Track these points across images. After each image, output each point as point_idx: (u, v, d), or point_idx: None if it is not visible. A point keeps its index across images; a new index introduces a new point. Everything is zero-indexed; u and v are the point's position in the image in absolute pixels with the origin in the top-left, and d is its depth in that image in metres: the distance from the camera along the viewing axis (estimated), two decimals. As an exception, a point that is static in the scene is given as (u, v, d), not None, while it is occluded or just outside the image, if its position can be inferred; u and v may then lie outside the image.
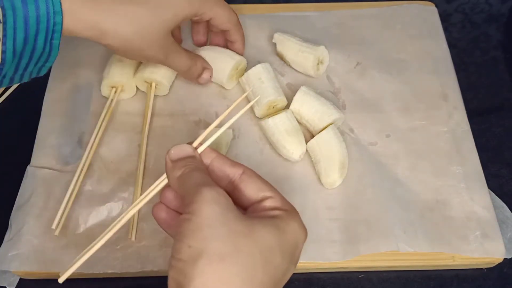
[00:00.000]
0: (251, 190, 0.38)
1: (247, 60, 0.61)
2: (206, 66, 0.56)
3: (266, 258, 0.33)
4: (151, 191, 0.40)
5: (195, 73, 0.55)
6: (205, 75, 0.56)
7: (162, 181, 0.40)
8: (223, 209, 0.34)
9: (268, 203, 0.37)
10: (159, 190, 0.40)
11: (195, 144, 0.40)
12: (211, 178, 0.38)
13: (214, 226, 0.33)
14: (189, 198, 0.35)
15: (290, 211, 0.37)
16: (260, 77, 0.55)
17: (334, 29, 0.64)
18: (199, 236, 0.33)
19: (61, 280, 0.37)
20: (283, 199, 0.38)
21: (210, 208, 0.33)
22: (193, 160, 0.39)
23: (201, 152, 0.40)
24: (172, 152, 0.39)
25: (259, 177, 0.39)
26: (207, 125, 0.56)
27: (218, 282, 0.31)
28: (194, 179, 0.36)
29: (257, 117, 0.57)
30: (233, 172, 0.39)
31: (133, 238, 0.49)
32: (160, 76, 0.56)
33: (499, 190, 0.54)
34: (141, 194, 0.51)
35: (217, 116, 0.57)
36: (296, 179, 0.53)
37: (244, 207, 0.38)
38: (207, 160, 0.40)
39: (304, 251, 0.49)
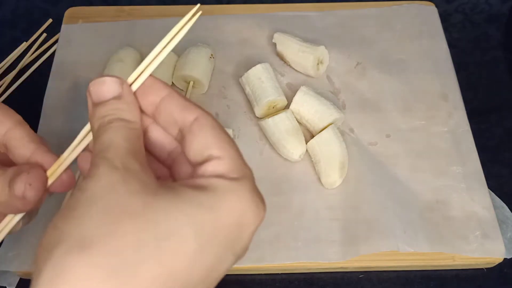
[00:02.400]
0: (197, 146, 0.28)
1: (247, 60, 0.60)
2: (25, 180, 0.31)
3: (167, 246, 0.23)
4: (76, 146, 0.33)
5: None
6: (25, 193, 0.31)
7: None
8: (115, 181, 0.25)
9: (209, 167, 0.27)
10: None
11: (133, 75, 0.30)
12: (160, 122, 0.30)
13: (92, 204, 0.24)
14: (89, 169, 0.27)
15: (238, 180, 0.27)
16: (260, 77, 0.55)
17: (334, 29, 0.64)
18: (70, 216, 0.24)
19: None
20: (235, 161, 0.28)
21: (97, 183, 0.25)
22: (117, 105, 0.29)
23: (148, 87, 0.30)
24: (91, 89, 0.30)
25: (214, 127, 0.28)
26: (207, 125, 0.56)
27: (74, 280, 0.22)
28: (103, 139, 0.28)
29: (257, 117, 0.57)
30: (182, 118, 0.29)
31: None
32: (159, 76, 0.56)
33: (499, 190, 0.54)
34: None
35: (217, 116, 0.57)
36: (296, 179, 0.53)
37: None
38: (155, 98, 0.30)
39: (304, 251, 0.49)
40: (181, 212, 0.24)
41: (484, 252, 0.49)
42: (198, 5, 0.33)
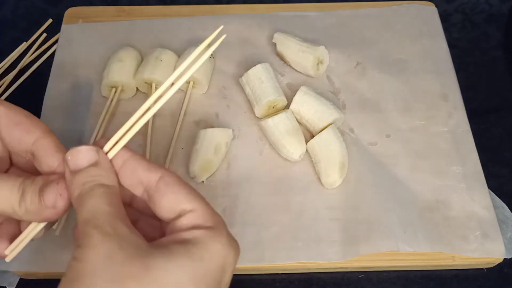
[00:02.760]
0: (168, 203, 0.31)
1: (247, 60, 0.60)
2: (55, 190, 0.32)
3: None
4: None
5: (31, 208, 0.32)
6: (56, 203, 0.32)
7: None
8: (112, 249, 0.27)
9: (185, 221, 0.30)
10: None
11: (110, 143, 0.32)
12: (124, 183, 0.32)
13: (95, 274, 0.27)
14: (78, 237, 0.29)
15: (213, 227, 0.30)
16: (260, 77, 0.55)
17: (334, 29, 0.64)
18: None
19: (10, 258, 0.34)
20: (206, 211, 0.31)
21: (96, 253, 0.27)
22: (95, 172, 0.31)
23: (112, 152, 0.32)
24: (69, 158, 0.31)
25: (180, 184, 0.31)
26: (207, 125, 0.56)
27: None
28: (88, 207, 0.29)
29: (257, 117, 0.57)
30: (148, 178, 0.31)
31: None
32: (160, 76, 0.56)
33: (499, 190, 0.54)
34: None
35: (217, 116, 0.57)
36: (296, 179, 0.53)
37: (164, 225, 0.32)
38: (118, 162, 0.32)
39: (304, 251, 0.49)
40: (177, 267, 0.28)
41: (484, 252, 0.49)
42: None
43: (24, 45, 0.65)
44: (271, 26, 0.63)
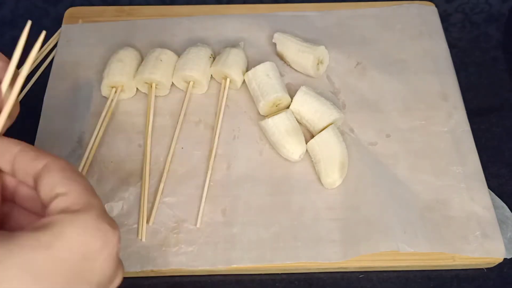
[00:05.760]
0: (45, 187, 0.29)
1: (248, 60, 0.60)
2: None
3: None
4: None
5: None
6: None
7: None
8: None
9: (55, 204, 0.28)
10: None
11: None
12: (18, 177, 0.30)
13: None
14: None
15: (80, 211, 0.27)
16: (268, 74, 0.55)
17: (334, 29, 0.64)
18: None
19: None
20: (79, 194, 0.28)
21: None
22: None
23: (1, 147, 0.31)
24: None
25: (63, 169, 0.30)
26: (207, 125, 0.56)
27: None
28: None
29: (258, 117, 0.57)
30: (33, 168, 0.30)
31: (143, 239, 0.49)
32: (160, 76, 0.56)
33: (499, 190, 0.54)
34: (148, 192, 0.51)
35: (217, 116, 0.57)
36: (296, 179, 0.53)
37: None
38: (9, 156, 0.30)
39: (304, 251, 0.49)
40: (14, 259, 0.25)
41: (484, 252, 0.49)
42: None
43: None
44: (271, 26, 0.63)
